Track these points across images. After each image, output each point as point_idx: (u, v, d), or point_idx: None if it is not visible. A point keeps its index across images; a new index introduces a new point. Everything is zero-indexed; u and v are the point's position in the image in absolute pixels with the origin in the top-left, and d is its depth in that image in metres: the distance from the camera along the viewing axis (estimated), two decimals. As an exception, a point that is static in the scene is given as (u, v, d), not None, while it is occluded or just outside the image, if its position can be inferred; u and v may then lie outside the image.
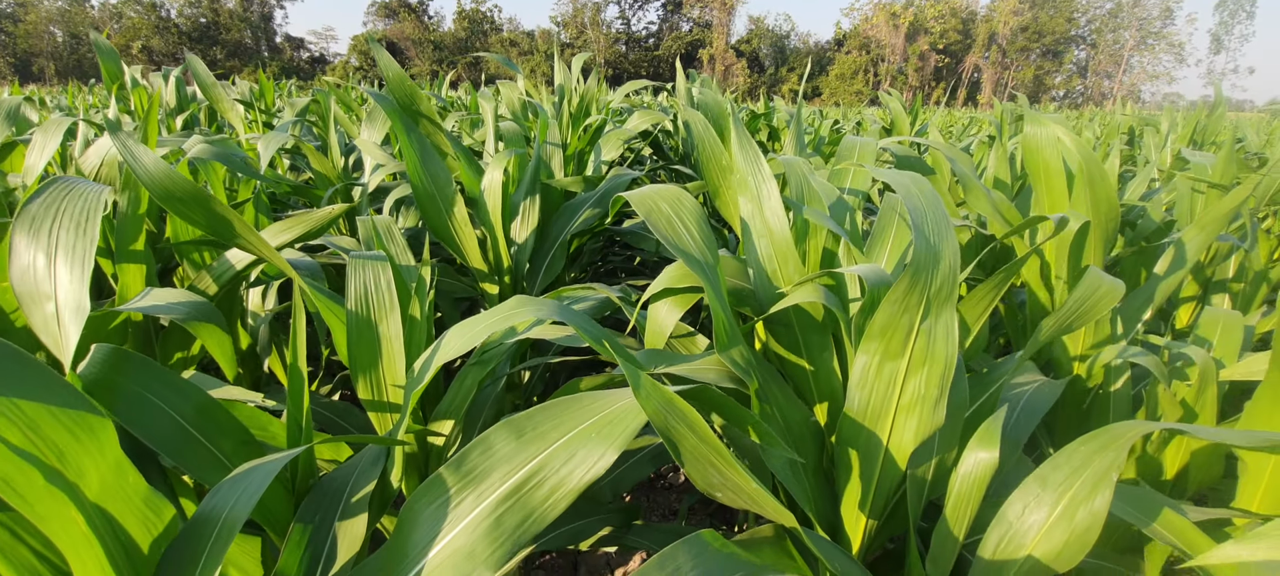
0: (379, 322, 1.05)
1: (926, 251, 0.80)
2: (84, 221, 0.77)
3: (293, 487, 0.86)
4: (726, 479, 0.69)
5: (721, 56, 65.59)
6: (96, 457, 0.60)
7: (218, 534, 0.63)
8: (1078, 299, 1.07)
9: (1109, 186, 1.27)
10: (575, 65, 3.18)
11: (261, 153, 2.00)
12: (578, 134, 2.75)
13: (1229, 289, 1.96)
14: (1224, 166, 2.13)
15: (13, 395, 0.54)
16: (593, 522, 1.27)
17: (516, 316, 0.89)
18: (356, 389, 1.06)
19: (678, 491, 2.56)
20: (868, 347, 0.87)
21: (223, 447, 0.81)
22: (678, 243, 1.03)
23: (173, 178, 0.91)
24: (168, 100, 3.17)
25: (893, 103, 4.52)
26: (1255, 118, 11.55)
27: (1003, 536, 0.88)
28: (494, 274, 1.73)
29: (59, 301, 0.74)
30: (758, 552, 0.71)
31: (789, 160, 1.35)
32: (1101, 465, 0.82)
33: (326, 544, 0.80)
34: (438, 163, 1.55)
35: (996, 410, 0.96)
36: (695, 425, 0.66)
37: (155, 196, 0.89)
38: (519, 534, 0.67)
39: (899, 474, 0.91)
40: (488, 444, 0.72)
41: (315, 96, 3.28)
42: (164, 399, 0.78)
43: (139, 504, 0.63)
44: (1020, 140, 1.62)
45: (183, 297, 1.13)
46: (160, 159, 0.92)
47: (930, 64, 64.41)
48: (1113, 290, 1.03)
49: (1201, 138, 4.27)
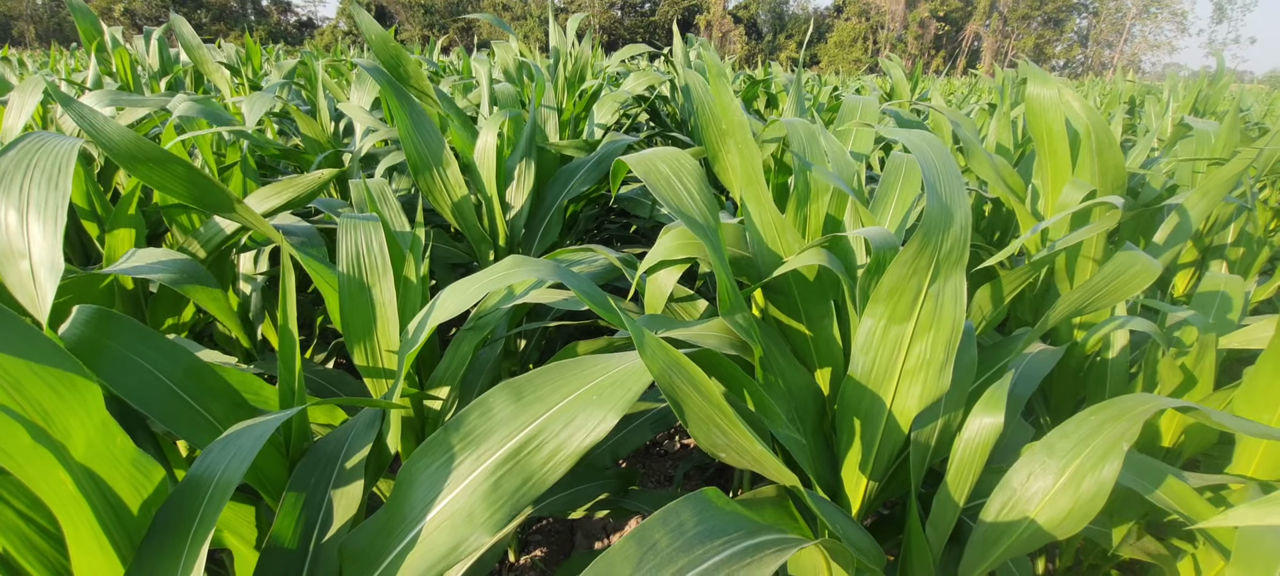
0: (372, 286, 1.02)
1: (939, 211, 0.78)
2: (56, 175, 0.74)
3: (287, 451, 0.85)
4: (731, 439, 0.68)
5: (719, 23, 64.52)
6: (82, 417, 0.58)
7: (211, 495, 0.61)
8: (1106, 276, 1.03)
9: (1117, 153, 1.24)
10: (570, 28, 3.11)
11: (246, 114, 1.94)
12: (573, 99, 2.70)
13: (1227, 256, 1.95)
14: (1228, 135, 2.11)
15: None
16: (591, 488, 1.27)
17: (513, 276, 0.87)
18: (350, 353, 1.04)
19: (673, 458, 2.57)
20: (874, 311, 0.85)
21: (213, 411, 0.80)
22: (679, 205, 1.01)
23: (139, 144, 0.87)
24: (150, 63, 3.08)
25: (894, 69, 4.45)
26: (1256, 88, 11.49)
27: (1006, 501, 0.88)
28: (489, 239, 1.71)
29: (33, 259, 0.72)
30: (760, 512, 0.70)
31: (792, 122, 1.31)
32: (1112, 435, 0.82)
33: (322, 507, 0.79)
34: (430, 126, 1.51)
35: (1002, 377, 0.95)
36: (700, 385, 0.65)
37: (123, 165, 0.86)
38: (518, 497, 0.66)
39: (901, 438, 0.90)
40: (487, 406, 0.71)
41: (303, 59, 3.20)
42: (151, 361, 0.76)
43: (128, 465, 0.61)
44: (1022, 103, 1.59)
45: (172, 258, 1.10)
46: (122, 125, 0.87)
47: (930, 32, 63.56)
48: (1148, 268, 0.99)
49: (1203, 107, 4.23)
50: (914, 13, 62.85)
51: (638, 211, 2.14)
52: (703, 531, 0.61)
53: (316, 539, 0.78)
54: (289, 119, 2.64)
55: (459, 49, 7.74)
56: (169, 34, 3.16)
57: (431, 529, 0.66)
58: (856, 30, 62.13)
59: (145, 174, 0.85)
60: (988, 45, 64.71)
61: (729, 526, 0.63)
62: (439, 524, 0.66)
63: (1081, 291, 1.04)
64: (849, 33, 61.89)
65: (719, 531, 0.62)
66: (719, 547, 0.60)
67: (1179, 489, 0.89)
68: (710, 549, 0.60)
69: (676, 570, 0.57)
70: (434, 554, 0.64)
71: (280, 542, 0.75)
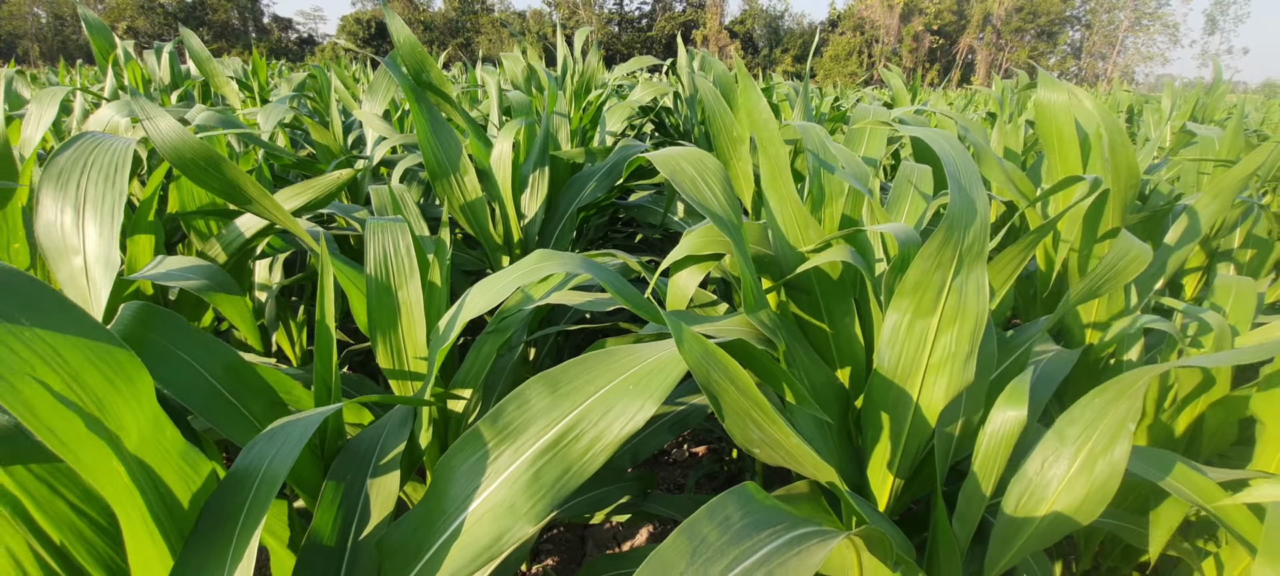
0: (399, 288, 1.04)
1: (962, 203, 0.80)
2: (113, 174, 0.75)
3: (321, 451, 0.86)
4: (766, 434, 0.68)
5: (715, 38, 65.07)
6: (135, 409, 0.59)
7: (258, 487, 0.62)
8: (1109, 262, 1.07)
9: (1130, 151, 1.26)
10: (577, 40, 3.15)
11: (262, 124, 1.97)
12: (580, 109, 2.73)
13: (1235, 259, 1.97)
14: (1232, 140, 2.14)
15: (54, 338, 0.53)
16: (613, 491, 1.27)
17: (541, 270, 0.88)
18: (376, 354, 1.05)
19: (682, 466, 2.57)
20: (899, 305, 0.87)
21: (252, 408, 0.80)
22: (704, 203, 1.02)
23: (187, 141, 0.89)
24: (161, 76, 3.11)
25: (894, 79, 4.49)
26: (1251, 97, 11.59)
27: (1024, 492, 0.89)
28: (504, 246, 1.72)
29: (88, 255, 0.73)
30: (797, 506, 0.71)
31: (806, 126, 1.33)
32: (1117, 415, 0.83)
33: (360, 503, 0.80)
34: (448, 132, 1.53)
35: (1023, 370, 0.96)
36: (737, 377, 0.66)
37: (170, 160, 0.88)
38: (558, 487, 0.66)
39: (928, 432, 0.91)
40: (523, 398, 0.71)
41: (312, 71, 3.23)
42: (194, 356, 0.77)
43: (177, 458, 0.62)
44: (1024, 111, 1.61)
45: (197, 264, 1.12)
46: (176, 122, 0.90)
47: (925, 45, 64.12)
48: (1143, 253, 1.03)
49: (1202, 115, 4.28)
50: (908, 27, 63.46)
51: (649, 219, 2.15)
52: (749, 524, 0.62)
53: (354, 535, 0.79)
54: (299, 130, 2.67)
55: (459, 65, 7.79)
56: (179, 49, 3.19)
57: (473, 520, 0.67)
58: (851, 44, 62.67)
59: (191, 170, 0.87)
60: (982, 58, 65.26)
61: (773, 519, 0.63)
62: (480, 515, 0.67)
63: (1089, 279, 1.07)
64: (844, 46, 62.42)
65: (764, 524, 0.63)
66: (766, 539, 0.61)
67: (1193, 478, 0.90)
68: (758, 541, 0.60)
69: (728, 562, 0.57)
70: (477, 545, 0.65)
71: (319, 538, 0.76)
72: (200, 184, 0.95)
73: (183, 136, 0.88)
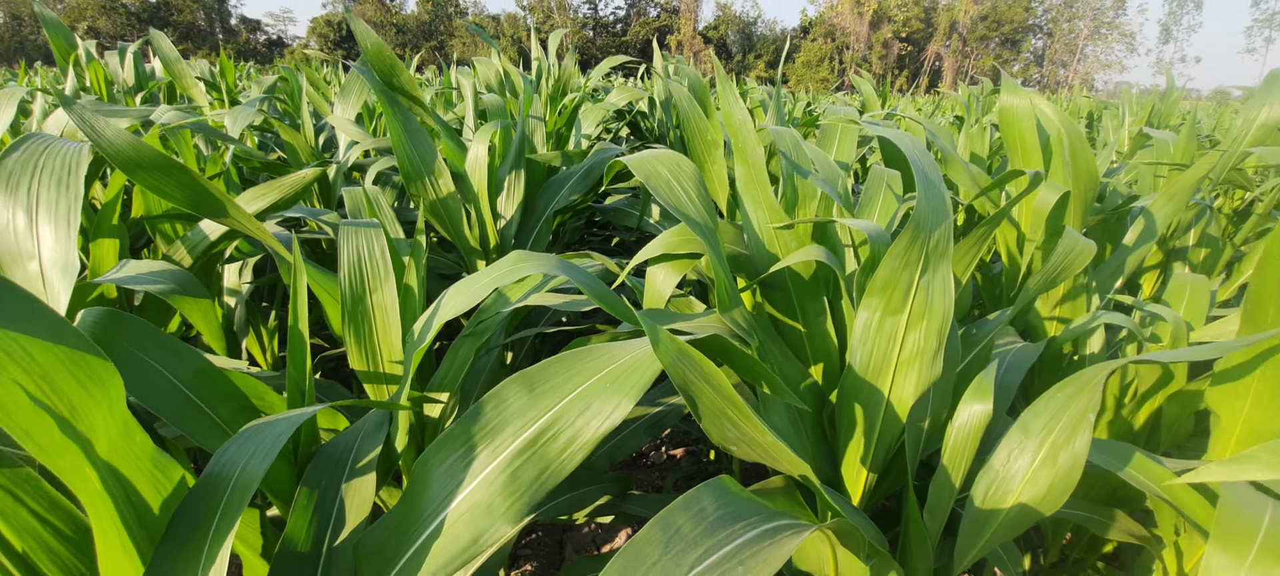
0: (373, 291, 1.03)
1: (929, 203, 0.82)
2: (66, 176, 0.73)
3: (295, 457, 0.85)
4: (742, 432, 0.70)
5: (689, 43, 65.48)
6: (106, 413, 0.57)
7: (231, 494, 0.61)
8: (1058, 256, 1.12)
9: (1089, 155, 1.31)
10: (551, 42, 3.15)
11: (230, 126, 1.93)
12: (555, 113, 2.73)
13: (1189, 258, 2.05)
14: (1186, 144, 2.22)
15: (25, 339, 0.52)
16: (592, 491, 1.27)
17: (518, 271, 0.88)
18: (350, 358, 1.04)
19: (660, 469, 2.58)
20: (869, 303, 0.89)
21: (221, 414, 0.79)
22: (678, 206, 1.04)
23: (138, 147, 0.87)
24: (125, 78, 3.03)
25: (864, 85, 4.57)
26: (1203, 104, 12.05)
27: (991, 484, 0.91)
28: (480, 249, 1.71)
29: (43, 260, 0.71)
30: (772, 500, 0.72)
31: (780, 130, 1.36)
32: (1078, 408, 0.86)
33: (334, 509, 0.79)
34: (422, 135, 1.52)
35: (988, 365, 0.99)
36: (711, 377, 0.67)
37: (120, 167, 0.85)
38: (536, 486, 0.67)
39: (899, 427, 0.93)
40: (501, 398, 0.72)
41: (283, 74, 3.17)
42: (162, 362, 0.76)
43: (148, 464, 0.61)
44: (997, 111, 1.66)
45: (162, 268, 1.09)
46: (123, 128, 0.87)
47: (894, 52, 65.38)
48: (1087, 248, 1.08)
49: (1157, 121, 4.44)
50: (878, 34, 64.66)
51: (625, 222, 2.16)
52: (723, 515, 0.63)
53: (329, 542, 0.78)
54: (269, 133, 2.62)
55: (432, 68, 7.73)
56: (143, 49, 3.11)
57: (452, 521, 0.67)
58: (823, 50, 63.59)
59: (144, 178, 0.85)
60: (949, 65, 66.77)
61: (747, 511, 0.64)
62: (459, 516, 0.67)
63: (1043, 272, 1.11)
64: (816, 53, 63.32)
65: (738, 516, 0.64)
66: (740, 531, 0.62)
67: (1150, 467, 0.93)
68: (732, 532, 0.61)
69: (701, 552, 0.58)
70: (456, 545, 0.65)
71: (293, 545, 0.75)
72: (158, 193, 0.93)
73: (134, 144, 0.86)
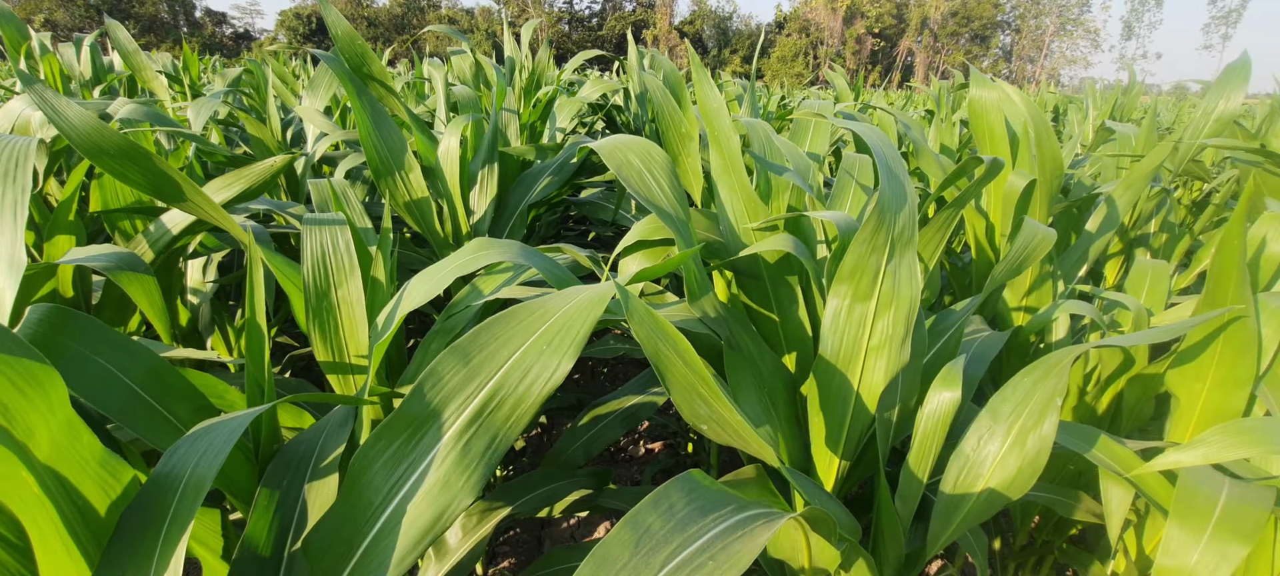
0: (339, 284, 1.00)
1: (893, 190, 0.82)
2: (14, 169, 0.70)
3: (255, 455, 0.82)
4: (713, 410, 0.69)
5: (665, 38, 65.49)
6: (46, 415, 0.55)
7: (182, 495, 0.59)
8: (1020, 245, 1.14)
9: (1054, 144, 1.33)
10: (525, 34, 3.11)
11: (192, 119, 1.87)
12: (529, 106, 2.70)
13: (1151, 244, 2.10)
14: (1146, 137, 2.28)
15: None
16: (567, 485, 1.26)
17: (480, 258, 0.87)
18: (316, 353, 1.02)
19: (639, 464, 2.58)
20: (838, 290, 0.89)
21: (177, 413, 0.76)
22: (650, 197, 1.03)
23: (102, 131, 0.84)
24: (82, 71, 2.93)
25: (838, 80, 4.61)
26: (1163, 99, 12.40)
27: (961, 469, 0.92)
28: (452, 243, 1.69)
29: (-13, 257, 0.68)
30: (743, 490, 0.72)
31: (752, 122, 1.36)
32: (1045, 392, 0.88)
33: (296, 509, 0.77)
34: (392, 127, 1.48)
35: (956, 354, 1.00)
36: (684, 352, 0.66)
37: (83, 152, 0.82)
38: (490, 455, 0.65)
39: (870, 413, 0.94)
40: (437, 375, 0.68)
41: (248, 67, 3.09)
42: (111, 360, 0.73)
43: (95, 466, 0.59)
44: (967, 104, 1.68)
45: (110, 249, 1.05)
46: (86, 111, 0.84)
47: (867, 47, 66.15)
48: (1048, 236, 1.10)
49: (1120, 114, 4.55)
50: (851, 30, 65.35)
51: (600, 215, 2.15)
52: (693, 510, 0.62)
53: (291, 543, 0.76)
54: (235, 127, 2.55)
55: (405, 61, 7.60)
56: (101, 41, 3.01)
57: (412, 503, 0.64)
58: (797, 45, 64.09)
59: (108, 164, 0.82)
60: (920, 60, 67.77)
61: (718, 503, 0.64)
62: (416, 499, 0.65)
63: (1007, 259, 1.13)
64: (790, 48, 63.78)
65: (709, 509, 0.63)
66: (711, 524, 0.61)
67: (1114, 449, 0.95)
68: (703, 526, 0.61)
69: (672, 550, 0.57)
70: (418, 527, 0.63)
71: (253, 547, 0.73)
72: (122, 179, 0.90)
73: (97, 127, 0.83)
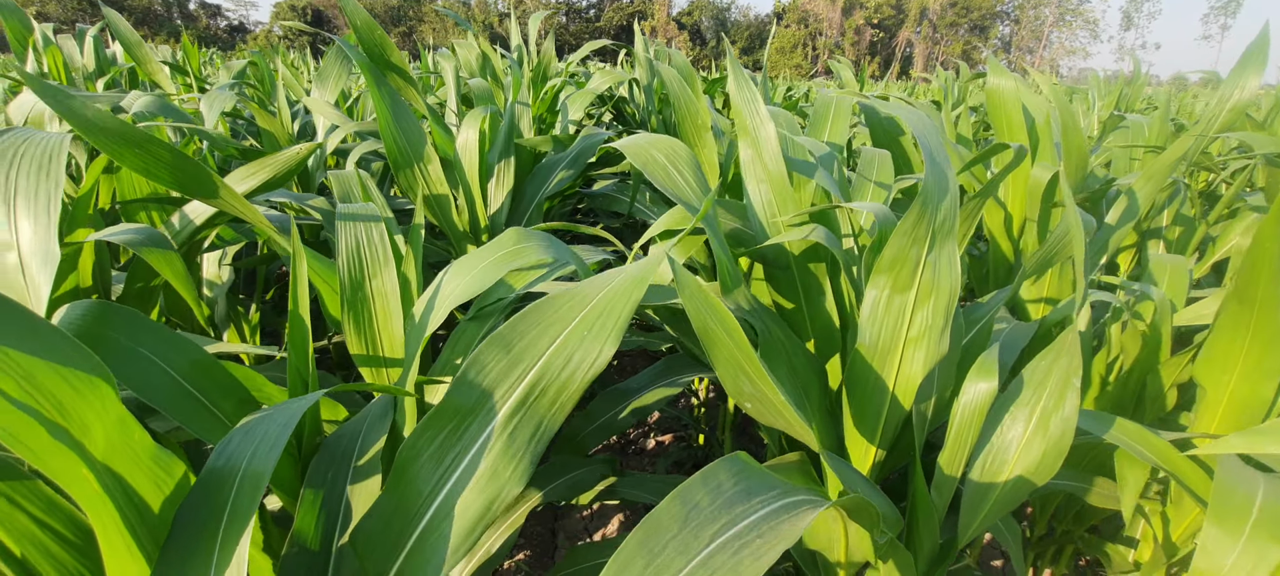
0: (373, 277, 1.00)
1: (936, 179, 0.82)
2: (46, 163, 0.69)
3: (298, 448, 0.82)
4: (757, 388, 0.69)
5: (663, 29, 65.23)
6: (99, 412, 0.54)
7: (240, 487, 0.59)
8: (1056, 236, 1.13)
9: (1081, 135, 1.33)
10: (531, 25, 3.09)
11: (205, 112, 1.86)
12: (538, 99, 2.68)
13: (1165, 237, 2.10)
14: (1159, 127, 2.28)
15: (4, 343, 0.49)
16: (588, 474, 1.26)
17: (519, 251, 0.86)
18: (349, 346, 1.01)
19: (650, 456, 2.58)
20: (877, 282, 0.89)
21: (222, 407, 0.76)
22: (676, 191, 1.03)
23: (123, 125, 0.83)
24: (85, 63, 2.90)
25: (843, 70, 4.59)
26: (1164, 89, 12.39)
27: (988, 456, 0.93)
28: (471, 236, 1.68)
29: (22, 249, 0.67)
30: (786, 474, 0.72)
31: (775, 110, 1.35)
32: (1061, 371, 0.88)
33: (341, 504, 0.77)
34: (411, 119, 1.48)
35: (987, 345, 1.00)
36: (732, 330, 0.66)
37: (102, 148, 0.81)
38: (535, 443, 0.65)
39: (907, 404, 0.93)
40: (480, 364, 0.68)
41: (252, 59, 3.07)
42: (157, 353, 0.72)
43: (148, 462, 0.58)
44: (985, 92, 1.68)
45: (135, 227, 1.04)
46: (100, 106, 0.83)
47: (866, 38, 65.96)
48: (1088, 225, 1.10)
49: (1124, 105, 4.55)
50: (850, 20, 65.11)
51: (614, 208, 2.14)
52: (740, 490, 0.62)
53: (337, 537, 0.75)
54: (241, 120, 2.54)
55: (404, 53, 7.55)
56: (104, 31, 2.98)
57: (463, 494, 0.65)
58: (796, 37, 63.87)
59: (130, 158, 0.81)
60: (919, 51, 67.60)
61: (764, 486, 0.64)
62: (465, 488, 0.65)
63: (1040, 252, 1.13)
64: (789, 39, 63.56)
65: (755, 491, 0.63)
66: (757, 506, 0.62)
67: (1150, 439, 0.95)
68: (749, 507, 0.61)
69: (720, 526, 0.58)
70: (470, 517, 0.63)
71: (303, 541, 0.72)
72: (143, 172, 0.89)
73: (118, 122, 0.82)
